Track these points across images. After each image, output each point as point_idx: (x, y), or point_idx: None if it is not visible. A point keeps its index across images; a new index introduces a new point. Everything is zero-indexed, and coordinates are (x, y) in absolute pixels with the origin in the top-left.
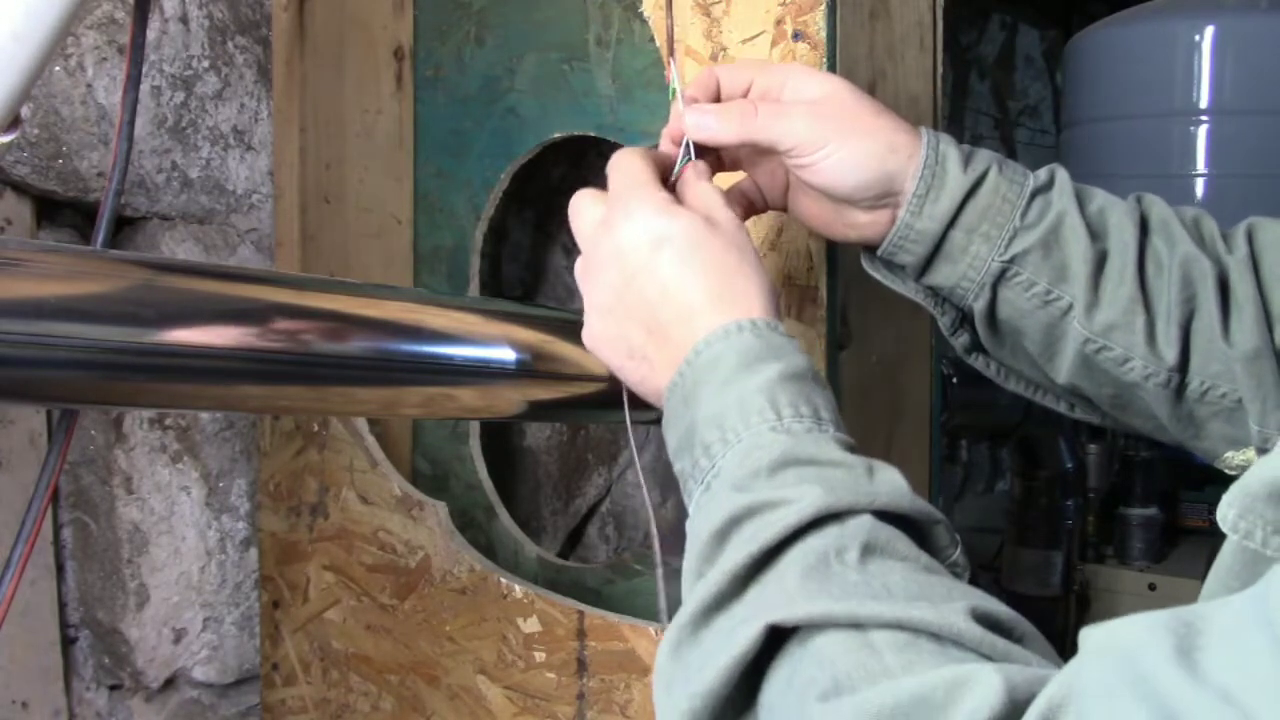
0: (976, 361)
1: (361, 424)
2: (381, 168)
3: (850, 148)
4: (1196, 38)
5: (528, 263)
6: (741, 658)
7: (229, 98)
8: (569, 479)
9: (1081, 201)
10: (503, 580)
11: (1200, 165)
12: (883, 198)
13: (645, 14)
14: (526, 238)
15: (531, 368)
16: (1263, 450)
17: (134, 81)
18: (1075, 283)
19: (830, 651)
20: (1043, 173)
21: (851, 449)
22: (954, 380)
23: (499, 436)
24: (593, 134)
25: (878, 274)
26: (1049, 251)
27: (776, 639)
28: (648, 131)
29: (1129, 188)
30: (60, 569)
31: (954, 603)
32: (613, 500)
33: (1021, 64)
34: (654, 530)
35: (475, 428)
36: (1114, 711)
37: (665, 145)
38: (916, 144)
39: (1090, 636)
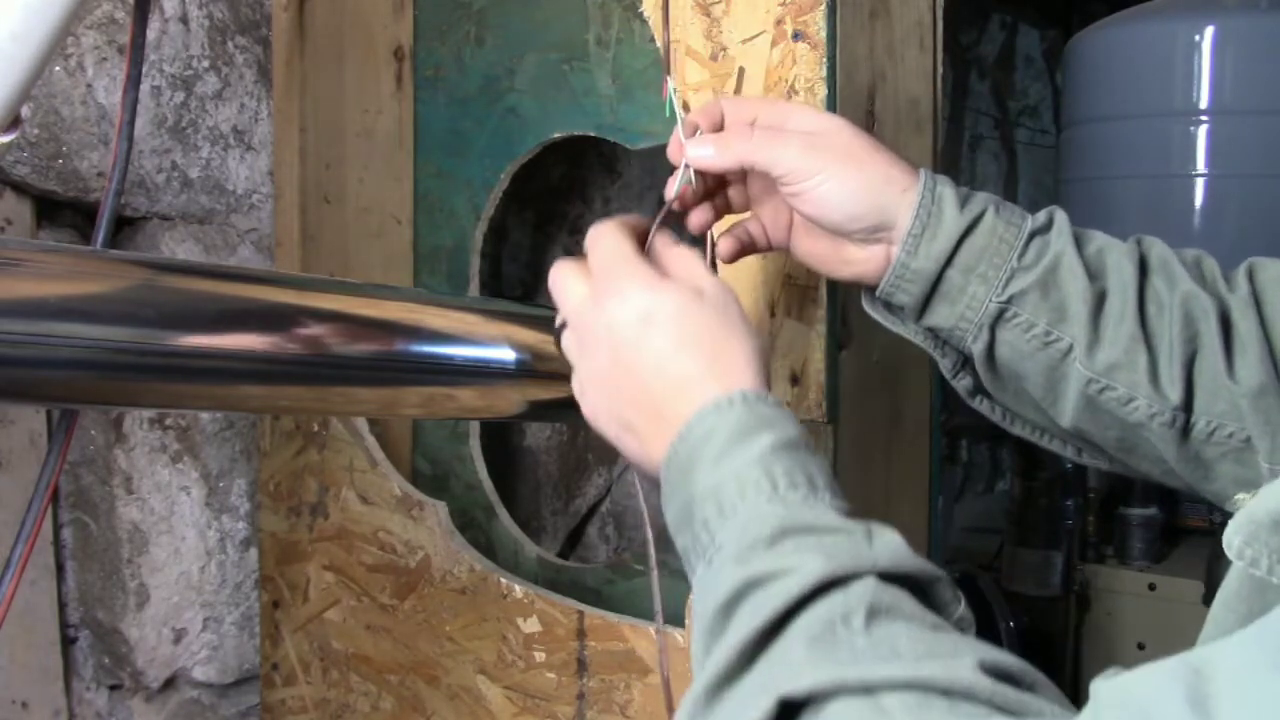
0: (981, 406)
1: (361, 424)
2: (381, 168)
3: (843, 178)
4: (1196, 38)
5: (528, 263)
6: None
7: (229, 98)
8: (569, 479)
9: (1080, 242)
10: (503, 580)
11: (1200, 165)
12: (875, 231)
13: (645, 14)
14: (526, 238)
15: (531, 368)
16: None
17: (134, 81)
18: (1075, 323)
19: (843, 717)
20: (1041, 215)
21: (848, 514)
22: None
23: (499, 436)
24: (593, 134)
25: (878, 315)
26: (1047, 292)
27: (789, 712)
28: (648, 131)
29: (1129, 188)
30: (60, 569)
31: (962, 658)
32: (613, 500)
33: (1021, 64)
34: (649, 531)
35: (475, 428)
36: None
37: (673, 149)
38: (912, 182)
39: (1102, 690)
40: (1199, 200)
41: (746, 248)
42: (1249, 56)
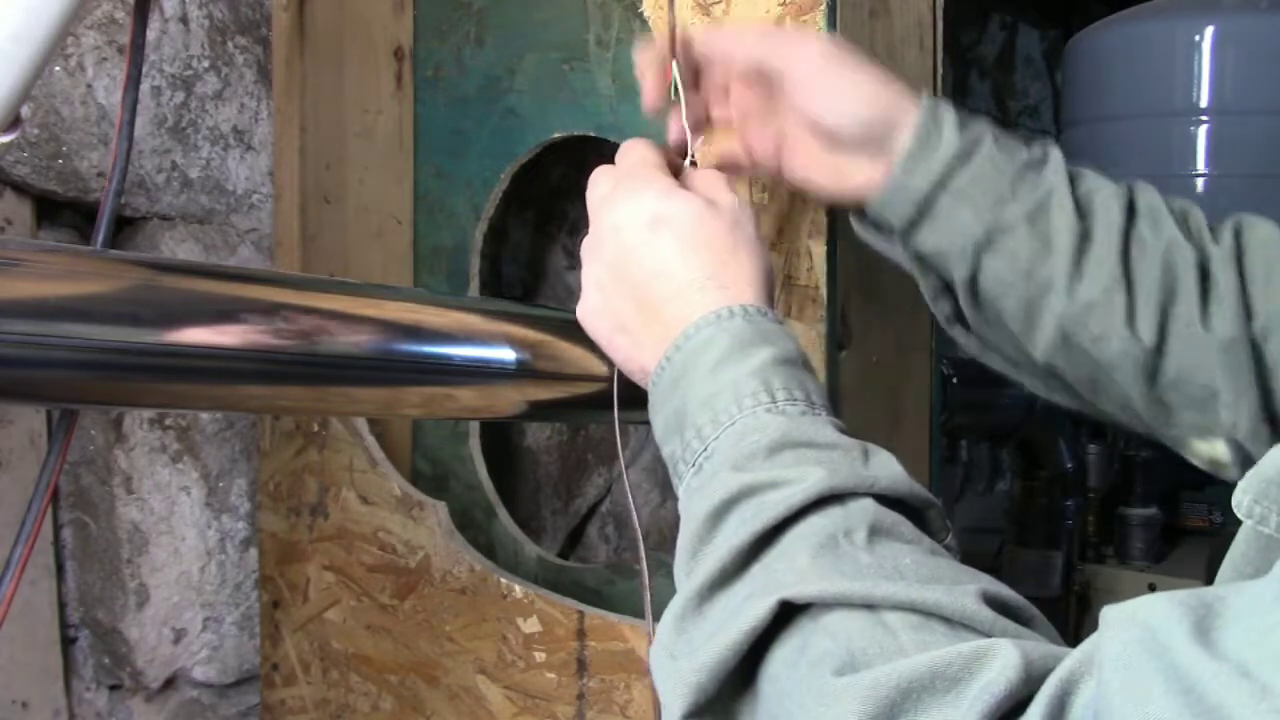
0: (957, 333)
1: (361, 424)
2: (381, 168)
3: (850, 79)
4: (1196, 38)
5: (528, 263)
6: (752, 631)
7: (229, 98)
8: (569, 479)
9: (1072, 180)
10: (503, 580)
11: (1200, 165)
12: (873, 143)
13: (645, 14)
14: (526, 238)
15: (531, 368)
16: (1231, 439)
17: (134, 81)
18: (1059, 258)
19: (844, 627)
20: (1037, 148)
21: (845, 432)
22: (954, 380)
23: (499, 436)
24: (593, 134)
25: (866, 234)
26: (1035, 225)
27: (785, 615)
28: (648, 132)
29: None
30: (60, 569)
31: (965, 585)
32: (613, 500)
33: (1021, 64)
34: (637, 528)
35: (475, 428)
36: (1132, 682)
37: (675, 133)
38: (914, 101)
39: (1110, 613)
40: (1199, 200)
41: (728, 166)
42: (1249, 56)
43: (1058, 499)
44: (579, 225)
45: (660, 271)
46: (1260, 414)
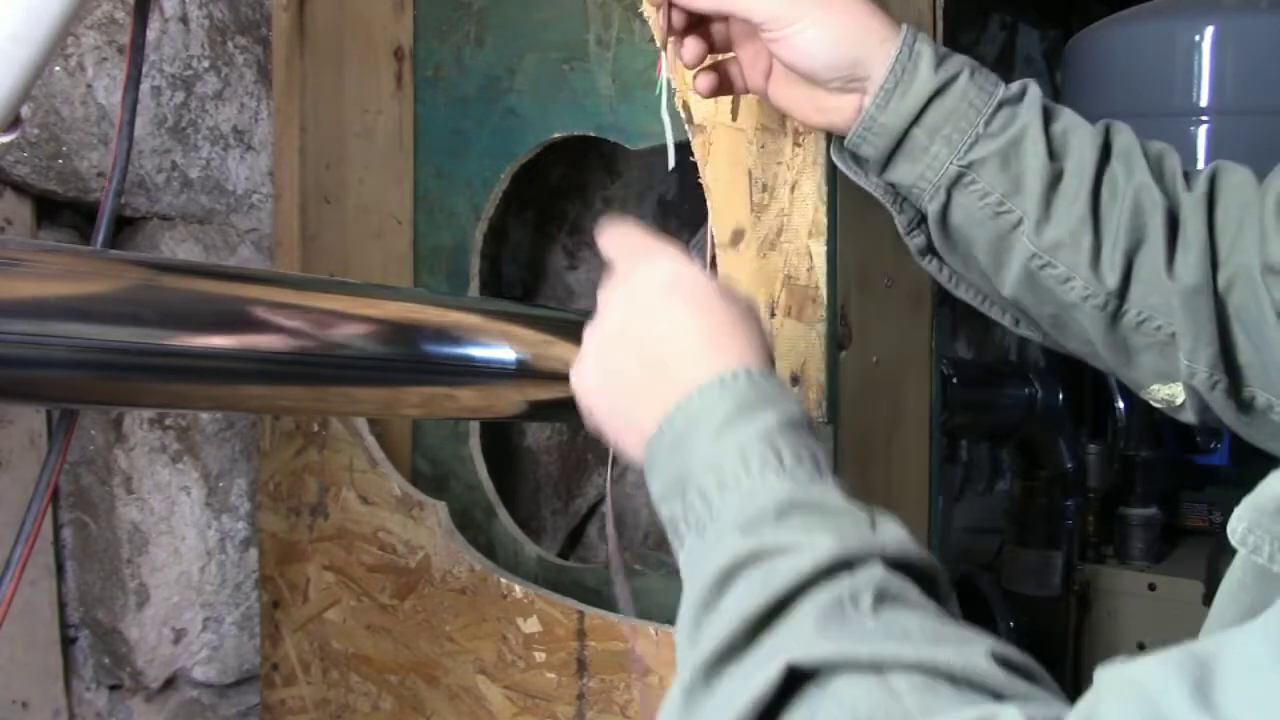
0: (930, 265)
1: (361, 424)
2: (381, 168)
3: (822, 26)
4: (1196, 38)
5: (528, 263)
6: (759, 700)
7: (229, 98)
8: (569, 479)
9: (1048, 119)
10: (503, 580)
11: (1200, 165)
12: (850, 81)
13: (645, 14)
14: (526, 238)
15: (531, 368)
16: (1189, 385)
17: (134, 81)
18: (1028, 197)
19: (850, 694)
20: (1015, 85)
21: (850, 496)
22: (954, 380)
23: (499, 436)
24: (593, 134)
25: (843, 165)
26: (1007, 163)
27: (793, 683)
28: (647, 132)
29: None
30: (60, 569)
31: (973, 645)
32: (612, 500)
33: (1021, 64)
34: (610, 528)
35: (475, 428)
36: None
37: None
38: (892, 34)
39: (1104, 677)
40: None
41: (724, 85)
42: (1249, 56)
43: (1058, 499)
44: (579, 225)
45: (672, 334)
46: (1219, 364)
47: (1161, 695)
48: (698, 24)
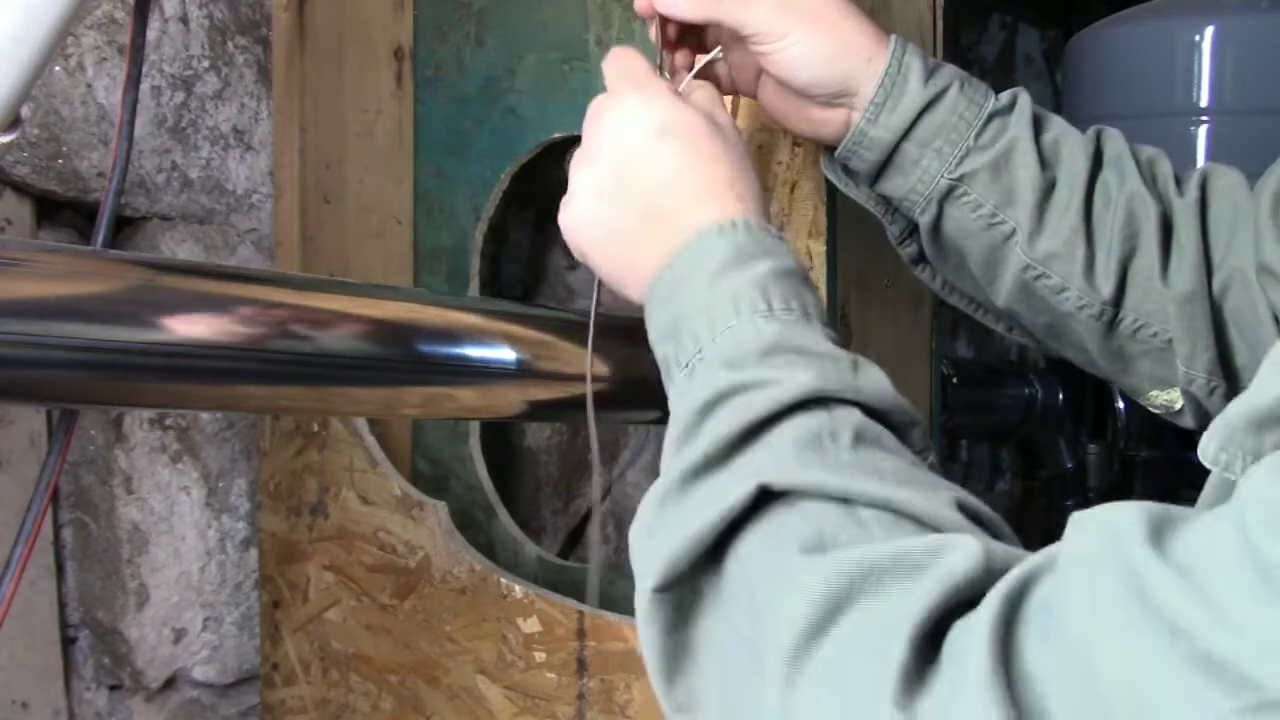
0: (923, 274)
1: (361, 424)
2: (381, 168)
3: (810, 41)
4: (1196, 38)
5: (528, 263)
6: (729, 512)
7: (229, 98)
8: (569, 479)
9: (1039, 128)
10: (503, 580)
11: (1200, 165)
12: (838, 96)
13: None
14: (526, 238)
15: (531, 368)
16: (1187, 391)
17: (134, 81)
18: (1021, 208)
19: (818, 513)
20: (1005, 95)
21: (838, 343)
22: (954, 380)
23: (499, 436)
24: None
25: (833, 177)
26: (998, 174)
27: (762, 501)
28: None
29: None
30: (60, 569)
31: (940, 492)
32: (613, 500)
33: (1021, 64)
34: (596, 519)
35: (475, 428)
36: (1088, 576)
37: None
38: (881, 50)
39: (1078, 517)
40: None
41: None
42: (1249, 56)
43: (1058, 499)
44: None
45: (669, 181)
46: (1216, 369)
47: (1121, 530)
48: (689, 32)
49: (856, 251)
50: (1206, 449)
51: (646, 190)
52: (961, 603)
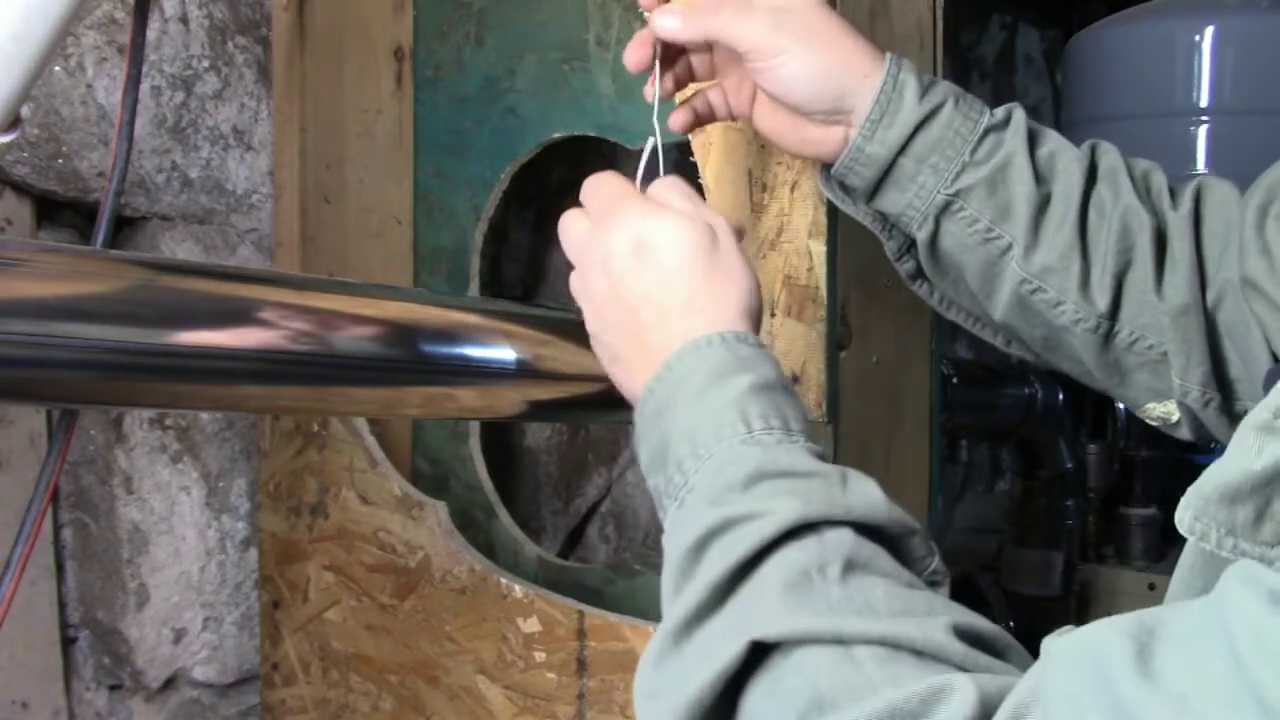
0: (920, 289)
1: (361, 424)
2: (381, 168)
3: (806, 59)
4: (1196, 38)
5: (528, 263)
6: (724, 671)
7: (229, 98)
8: (569, 479)
9: (1033, 143)
10: (503, 580)
11: (1200, 165)
12: (834, 114)
13: (645, 14)
14: (526, 238)
15: (531, 368)
16: (1183, 404)
17: (134, 81)
18: (1016, 223)
19: (813, 664)
20: (1000, 111)
21: (823, 458)
22: (954, 380)
23: (499, 436)
24: (593, 134)
25: (831, 194)
26: (994, 190)
27: (757, 654)
28: (647, 132)
29: None
30: (60, 569)
31: (936, 618)
32: (613, 500)
33: (1021, 64)
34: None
35: (475, 428)
36: (1076, 714)
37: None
38: (876, 67)
39: (1055, 643)
40: None
41: (704, 118)
42: (1249, 56)
43: (1058, 499)
44: None
45: (647, 298)
46: (1211, 381)
47: (1104, 659)
48: (678, 55)
49: (856, 251)
50: (1182, 519)
51: (630, 310)
52: None
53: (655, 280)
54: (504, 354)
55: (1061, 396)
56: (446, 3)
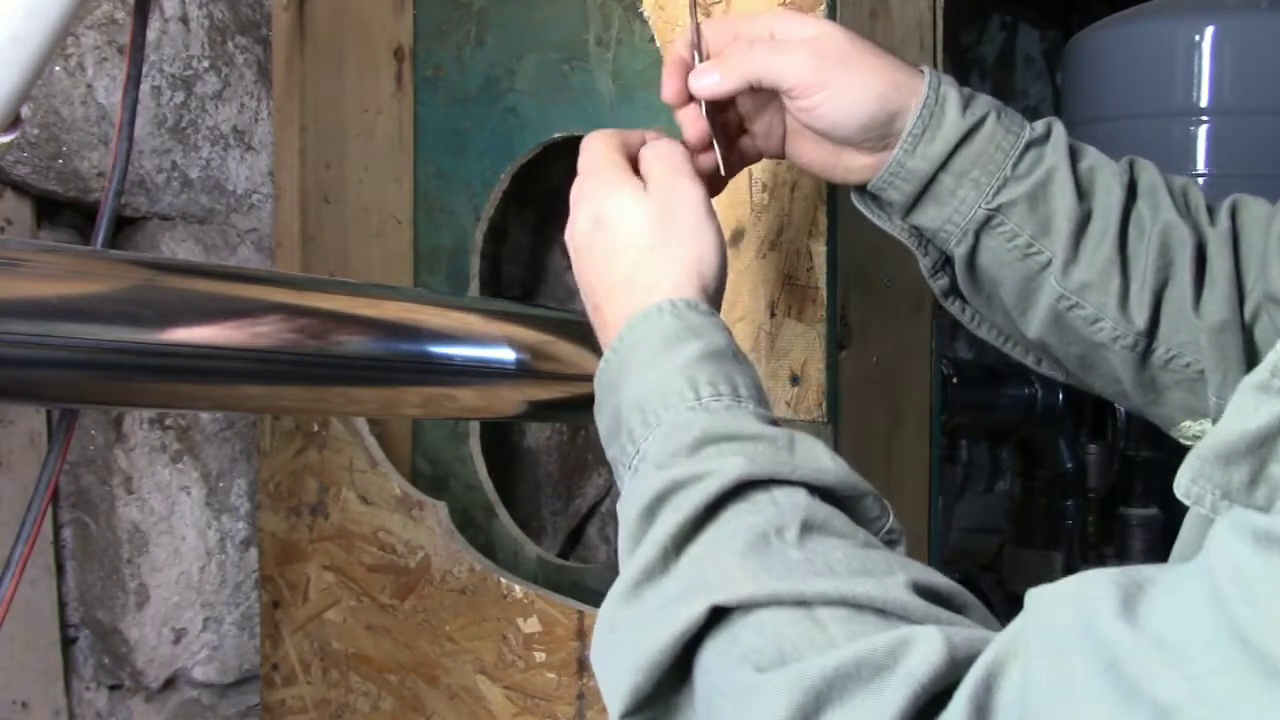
0: (953, 306)
1: (361, 424)
2: (381, 168)
3: (853, 86)
4: (1196, 38)
5: (528, 263)
6: (683, 634)
7: (229, 98)
8: (569, 479)
9: (1074, 158)
10: (503, 580)
11: (1200, 165)
12: (885, 138)
13: (645, 14)
14: (526, 238)
15: (531, 368)
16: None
17: (134, 81)
18: (1057, 238)
19: (774, 622)
20: (1040, 125)
21: (772, 422)
22: (954, 380)
23: (499, 436)
24: None
25: (865, 209)
26: (1035, 205)
27: (717, 616)
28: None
29: None
30: (60, 569)
31: (895, 576)
32: (613, 500)
33: (1021, 64)
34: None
35: (475, 428)
36: (1058, 662)
37: (693, 133)
38: (918, 82)
39: (1039, 594)
40: None
41: (734, 169)
42: (1249, 56)
43: (1058, 499)
44: None
45: (601, 272)
46: None
47: (1089, 607)
48: (726, 108)
49: (856, 251)
50: (1180, 483)
51: (589, 284)
52: (931, 701)
53: (605, 254)
54: (504, 354)
55: (1061, 396)
56: (446, 3)
